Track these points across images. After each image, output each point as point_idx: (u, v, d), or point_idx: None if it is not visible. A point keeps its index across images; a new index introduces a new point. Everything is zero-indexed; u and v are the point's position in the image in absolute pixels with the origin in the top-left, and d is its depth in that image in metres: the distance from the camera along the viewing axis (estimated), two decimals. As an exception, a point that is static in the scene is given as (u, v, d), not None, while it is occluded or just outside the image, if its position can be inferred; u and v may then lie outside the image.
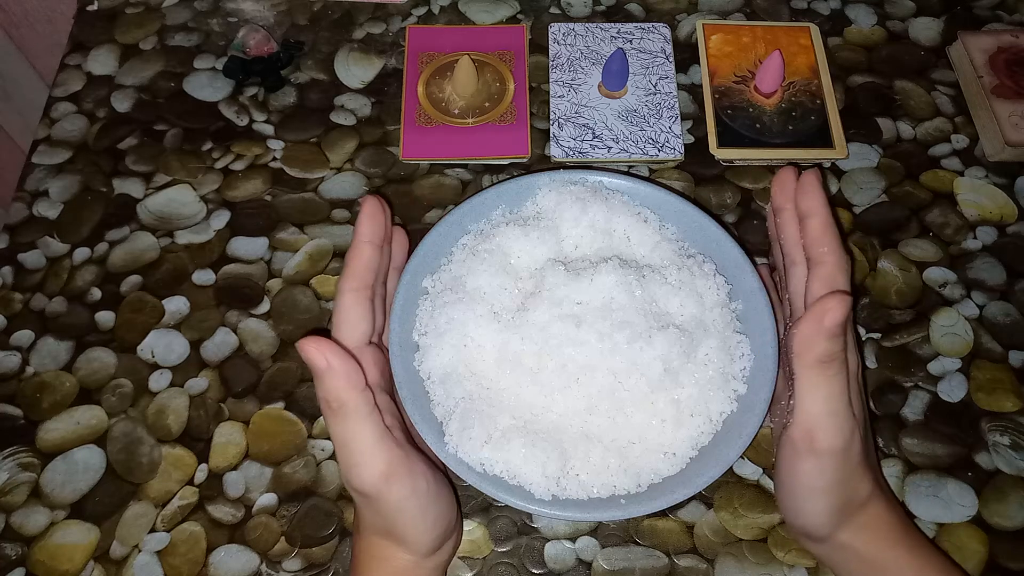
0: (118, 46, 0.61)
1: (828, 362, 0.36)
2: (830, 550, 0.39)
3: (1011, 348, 0.50)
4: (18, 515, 0.45)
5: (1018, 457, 0.47)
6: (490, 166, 0.56)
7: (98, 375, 0.49)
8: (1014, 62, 0.57)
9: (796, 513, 0.39)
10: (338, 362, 0.34)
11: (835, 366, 0.36)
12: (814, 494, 0.37)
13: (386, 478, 0.35)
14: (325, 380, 0.35)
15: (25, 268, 0.52)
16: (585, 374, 0.39)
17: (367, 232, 0.39)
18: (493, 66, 0.58)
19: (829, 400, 0.36)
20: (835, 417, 0.36)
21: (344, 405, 0.35)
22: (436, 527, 0.38)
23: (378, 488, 0.35)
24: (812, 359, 0.36)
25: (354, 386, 0.35)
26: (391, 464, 0.35)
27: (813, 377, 0.36)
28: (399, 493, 0.36)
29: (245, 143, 0.57)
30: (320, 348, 0.34)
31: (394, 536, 0.38)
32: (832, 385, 0.36)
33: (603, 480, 0.38)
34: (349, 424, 0.35)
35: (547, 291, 0.40)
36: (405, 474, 0.36)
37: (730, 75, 0.58)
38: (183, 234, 0.53)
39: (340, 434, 0.36)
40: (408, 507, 0.36)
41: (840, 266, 0.38)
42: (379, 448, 0.35)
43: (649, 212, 0.45)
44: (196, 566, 0.44)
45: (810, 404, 0.36)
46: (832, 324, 0.35)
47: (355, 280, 0.38)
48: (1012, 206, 0.55)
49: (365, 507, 0.38)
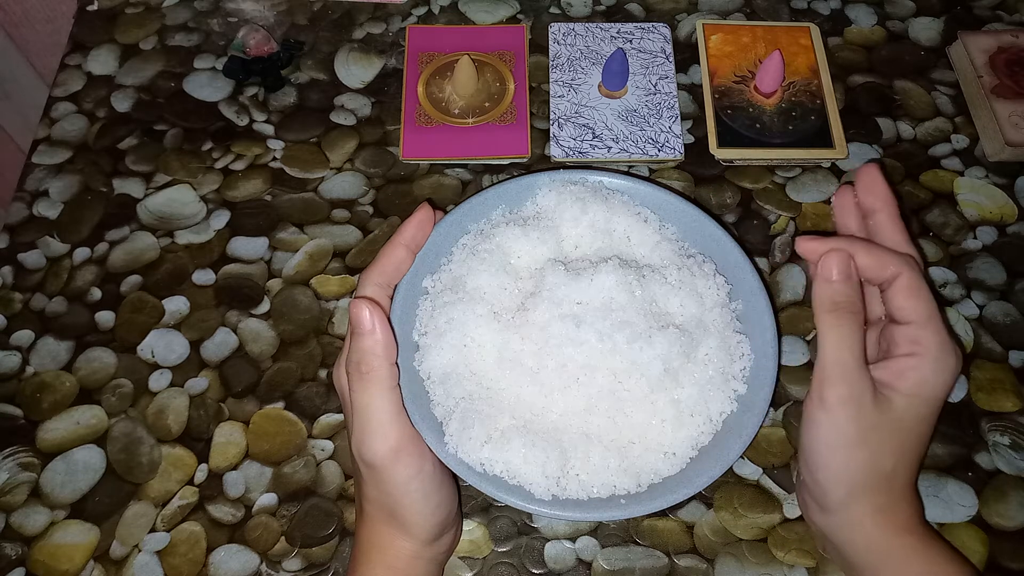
0: (118, 46, 0.61)
1: (833, 310, 0.36)
2: (839, 523, 0.38)
3: (1011, 348, 0.50)
4: (18, 515, 0.45)
5: (1018, 457, 0.47)
6: (490, 166, 0.56)
7: (98, 375, 0.49)
8: (1014, 62, 0.57)
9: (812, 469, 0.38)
10: (381, 328, 0.36)
11: (843, 317, 0.36)
12: (828, 449, 0.37)
13: (396, 452, 0.36)
14: (365, 342, 0.36)
15: (25, 268, 0.52)
16: (585, 374, 0.39)
17: (409, 236, 0.40)
18: (493, 66, 0.58)
19: (837, 350, 0.36)
20: (841, 367, 0.36)
21: (374, 371, 0.36)
22: (437, 513, 0.38)
23: (386, 462, 0.36)
24: (818, 308, 0.37)
25: (388, 356, 0.36)
26: (402, 440, 0.36)
27: (822, 326, 0.37)
28: (406, 471, 0.36)
29: (245, 143, 0.57)
30: (373, 310, 0.36)
31: (396, 519, 0.38)
32: (840, 334, 0.36)
33: (603, 480, 0.38)
34: (374, 392, 0.36)
35: (547, 291, 0.40)
36: (414, 452, 0.36)
37: (730, 75, 0.58)
38: (183, 234, 0.53)
39: (361, 400, 0.36)
40: (412, 487, 0.37)
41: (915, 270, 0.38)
42: (395, 422, 0.36)
43: (649, 212, 0.45)
44: (196, 566, 0.44)
45: (821, 355, 0.37)
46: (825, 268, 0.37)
47: (383, 276, 0.40)
48: (1012, 206, 0.55)
49: (370, 482, 0.38)
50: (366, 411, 0.36)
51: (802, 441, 0.39)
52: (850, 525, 0.38)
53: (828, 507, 0.38)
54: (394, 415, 0.36)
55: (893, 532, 0.37)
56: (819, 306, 0.37)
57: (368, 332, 0.36)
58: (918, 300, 0.37)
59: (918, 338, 0.37)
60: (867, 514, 0.37)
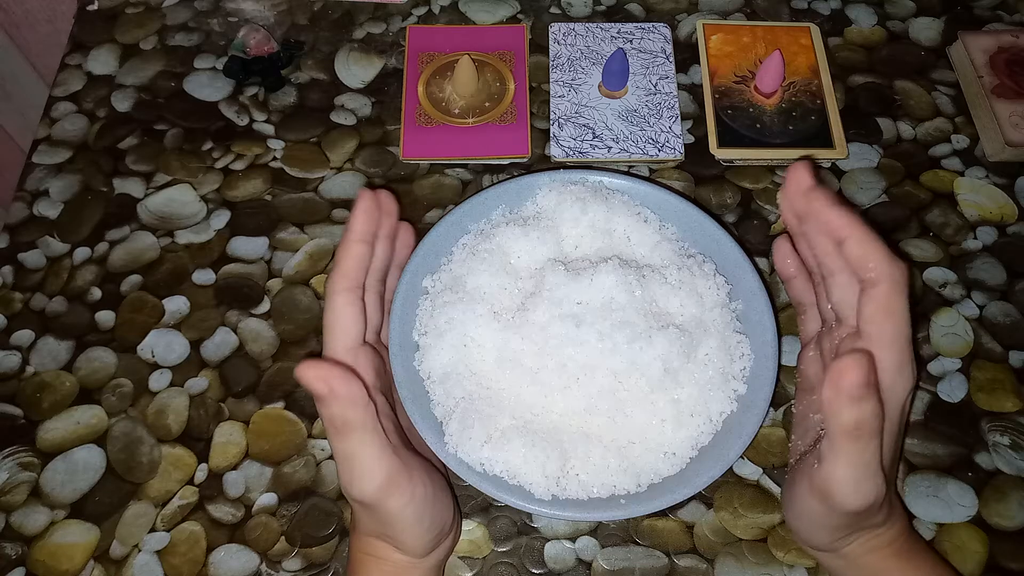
0: (118, 46, 0.61)
1: (857, 434, 0.32)
2: (833, 558, 0.39)
3: (1011, 348, 0.50)
4: (18, 515, 0.45)
5: (1018, 457, 0.47)
6: (490, 166, 0.56)
7: (98, 375, 0.49)
8: (1014, 62, 0.57)
9: (800, 531, 0.39)
10: (339, 385, 0.33)
11: (864, 439, 0.32)
12: (823, 529, 0.37)
13: (385, 488, 0.35)
14: (328, 405, 0.34)
15: (25, 268, 0.52)
16: (585, 374, 0.39)
17: (359, 229, 0.38)
18: (493, 66, 0.58)
19: (855, 468, 0.33)
20: (858, 484, 0.33)
21: (348, 424, 0.34)
22: (432, 530, 0.38)
23: (377, 497, 0.35)
24: (840, 427, 0.32)
25: (357, 405, 0.34)
26: (391, 476, 0.35)
27: (842, 445, 0.33)
28: (398, 502, 0.36)
29: (245, 143, 0.57)
30: (319, 374, 0.33)
31: (390, 538, 0.38)
32: (861, 455, 0.33)
33: (603, 480, 0.38)
34: (352, 441, 0.35)
35: (547, 291, 0.40)
36: (404, 483, 0.36)
37: (730, 75, 0.58)
38: (183, 234, 0.53)
39: (343, 450, 0.35)
40: (405, 515, 0.36)
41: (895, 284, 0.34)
42: (380, 461, 0.35)
43: (649, 212, 0.45)
44: (196, 566, 0.44)
45: (834, 467, 0.33)
46: (851, 388, 0.31)
47: (346, 280, 0.37)
48: (1012, 206, 0.55)
49: (362, 513, 0.38)
50: (351, 459, 0.35)
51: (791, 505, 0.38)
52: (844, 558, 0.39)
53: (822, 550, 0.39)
54: (379, 454, 0.35)
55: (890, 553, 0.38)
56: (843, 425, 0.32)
57: (327, 395, 0.33)
58: (887, 318, 0.34)
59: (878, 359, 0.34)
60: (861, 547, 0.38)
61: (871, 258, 0.34)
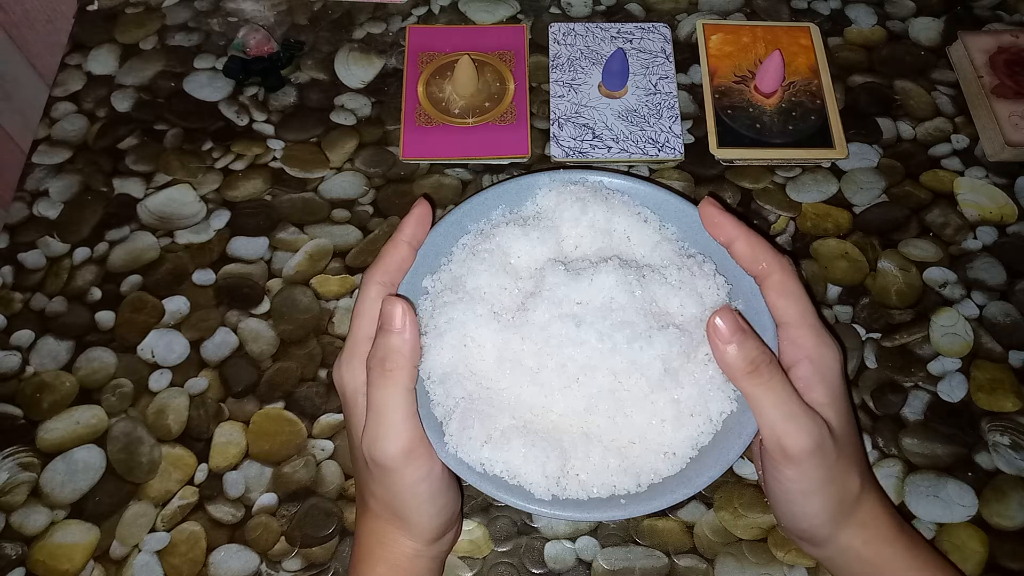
0: (118, 46, 0.61)
1: (753, 371, 0.35)
2: (832, 553, 0.39)
3: (1011, 348, 0.50)
4: (18, 515, 0.45)
5: (1018, 457, 0.47)
6: (490, 166, 0.56)
7: (98, 375, 0.49)
8: (1014, 62, 0.57)
9: (792, 519, 0.39)
10: (411, 329, 0.36)
11: (764, 372, 0.35)
12: (803, 497, 0.37)
13: (407, 454, 0.36)
14: (393, 340, 0.36)
15: (25, 268, 0.52)
16: (585, 374, 0.39)
17: (410, 233, 0.40)
18: (493, 66, 0.58)
19: (779, 405, 0.35)
20: (794, 420, 0.35)
21: (397, 370, 0.36)
22: (442, 514, 0.38)
23: (397, 463, 0.36)
24: (736, 375, 0.36)
25: (413, 359, 0.36)
26: (414, 442, 0.36)
27: (750, 390, 0.36)
28: (416, 473, 0.36)
29: (245, 143, 0.57)
30: (407, 310, 0.36)
31: (400, 518, 0.38)
32: (774, 391, 0.35)
33: (603, 480, 0.38)
34: (393, 391, 0.36)
35: (547, 291, 0.40)
36: (424, 455, 0.36)
37: (730, 75, 0.58)
38: (183, 234, 0.53)
39: (379, 399, 0.36)
40: (421, 489, 0.37)
41: (786, 272, 0.38)
42: (408, 424, 0.36)
43: (649, 212, 0.45)
44: (196, 566, 0.44)
45: (764, 415, 0.35)
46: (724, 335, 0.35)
47: (386, 275, 0.39)
48: (1012, 206, 0.55)
49: (377, 481, 0.38)
50: (383, 410, 0.36)
51: (774, 496, 0.39)
52: (842, 552, 0.39)
53: (817, 543, 0.39)
54: (408, 416, 0.36)
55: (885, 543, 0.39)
56: (735, 370, 0.36)
57: (398, 331, 0.36)
58: (788, 300, 0.38)
59: (795, 338, 0.38)
60: (855, 536, 0.38)
61: (759, 255, 0.38)
